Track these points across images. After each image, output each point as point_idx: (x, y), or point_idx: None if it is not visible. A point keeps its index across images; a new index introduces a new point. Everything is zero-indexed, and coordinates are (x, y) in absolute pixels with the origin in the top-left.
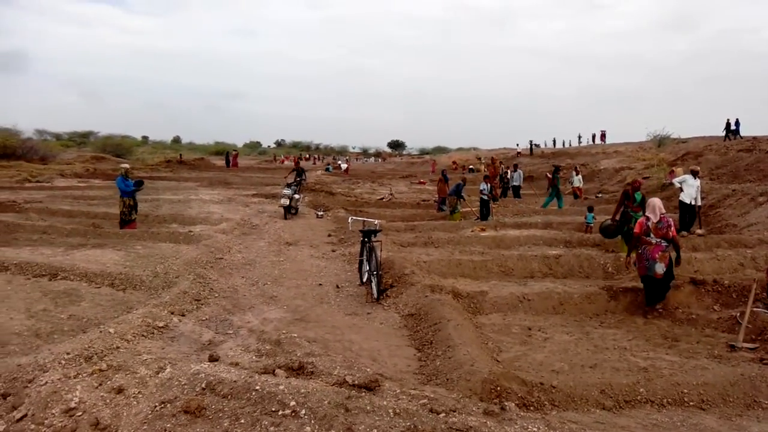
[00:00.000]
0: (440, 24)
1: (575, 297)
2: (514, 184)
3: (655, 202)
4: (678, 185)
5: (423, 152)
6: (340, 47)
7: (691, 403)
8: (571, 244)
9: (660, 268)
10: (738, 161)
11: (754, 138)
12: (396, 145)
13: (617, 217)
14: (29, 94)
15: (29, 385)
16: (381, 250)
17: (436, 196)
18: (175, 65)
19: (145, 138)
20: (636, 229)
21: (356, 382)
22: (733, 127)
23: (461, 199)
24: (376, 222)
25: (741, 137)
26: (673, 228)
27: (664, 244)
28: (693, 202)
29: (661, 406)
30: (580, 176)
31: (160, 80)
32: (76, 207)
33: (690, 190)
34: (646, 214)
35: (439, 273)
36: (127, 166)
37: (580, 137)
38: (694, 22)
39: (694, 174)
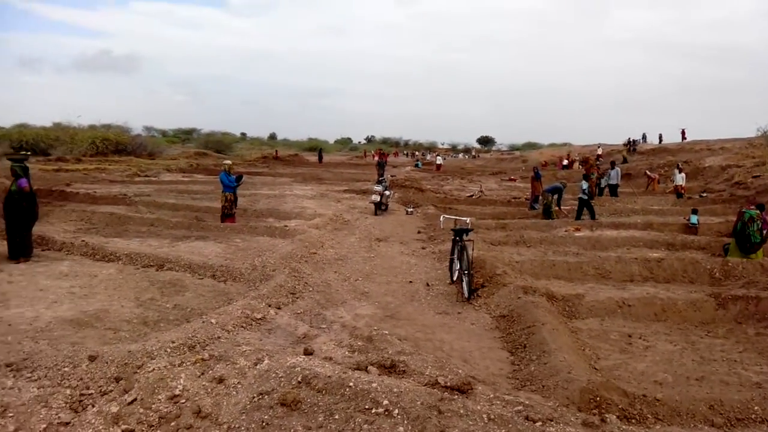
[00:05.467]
0: (533, 16)
1: (679, 303)
2: (612, 182)
3: None
4: None
5: (513, 148)
6: (429, 43)
7: None
8: (674, 246)
9: None
10: None
11: None
12: (485, 141)
13: None
14: (140, 93)
15: (138, 370)
16: (473, 249)
17: (528, 193)
18: (270, 64)
19: (243, 134)
20: None
21: (448, 383)
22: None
23: (558, 206)
24: (468, 220)
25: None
26: None
27: None
28: None
29: None
30: (683, 174)
31: (256, 79)
32: (181, 201)
33: None
34: None
35: (532, 274)
36: (229, 162)
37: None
38: None
39: None
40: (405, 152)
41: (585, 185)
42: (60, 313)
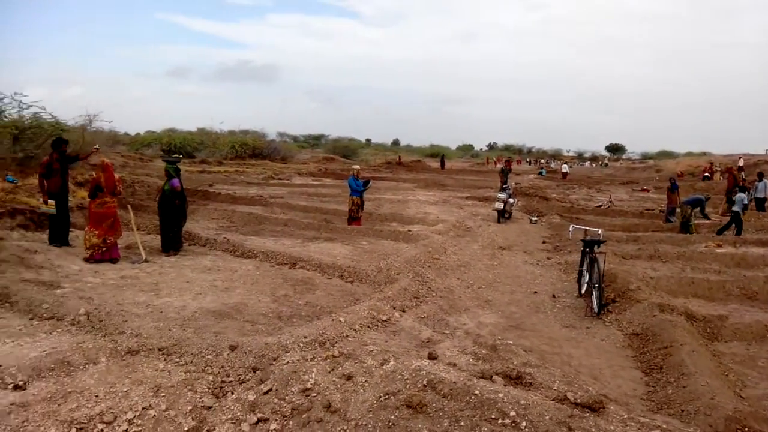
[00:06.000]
0: (668, 18)
1: None
2: (758, 195)
3: None
4: None
5: (645, 157)
6: (561, 48)
7: None
8: None
9: None
10: None
11: None
12: (615, 149)
13: None
14: (275, 101)
15: (274, 362)
16: (604, 262)
17: (663, 205)
18: (400, 72)
19: (368, 140)
20: None
21: (578, 400)
22: None
23: (703, 215)
24: (599, 231)
25: None
26: None
27: None
28: None
29: None
30: None
31: (385, 86)
32: (311, 203)
33: None
34: None
35: (668, 291)
36: (358, 167)
37: None
38: None
39: None
40: (528, 160)
41: (746, 198)
42: (204, 304)
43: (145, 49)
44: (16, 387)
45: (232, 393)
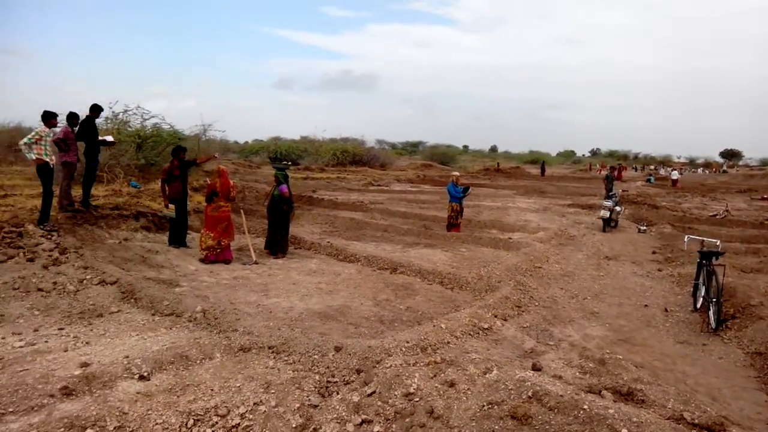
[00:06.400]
0: None
1: None
2: None
3: None
4: None
5: (765, 163)
6: (675, 50)
7: None
8: None
9: None
10: None
11: None
12: (730, 155)
13: None
14: (374, 108)
15: (377, 365)
16: (723, 275)
17: None
18: (498, 78)
19: (465, 147)
20: None
21: (696, 420)
22: None
23: None
24: (717, 242)
25: None
26: None
27: None
28: None
29: None
30: None
31: (483, 93)
32: (410, 209)
33: None
34: None
35: None
36: (457, 173)
37: None
38: None
39: None
40: (634, 166)
41: None
42: (310, 305)
43: (254, 62)
44: (141, 377)
45: (337, 393)
